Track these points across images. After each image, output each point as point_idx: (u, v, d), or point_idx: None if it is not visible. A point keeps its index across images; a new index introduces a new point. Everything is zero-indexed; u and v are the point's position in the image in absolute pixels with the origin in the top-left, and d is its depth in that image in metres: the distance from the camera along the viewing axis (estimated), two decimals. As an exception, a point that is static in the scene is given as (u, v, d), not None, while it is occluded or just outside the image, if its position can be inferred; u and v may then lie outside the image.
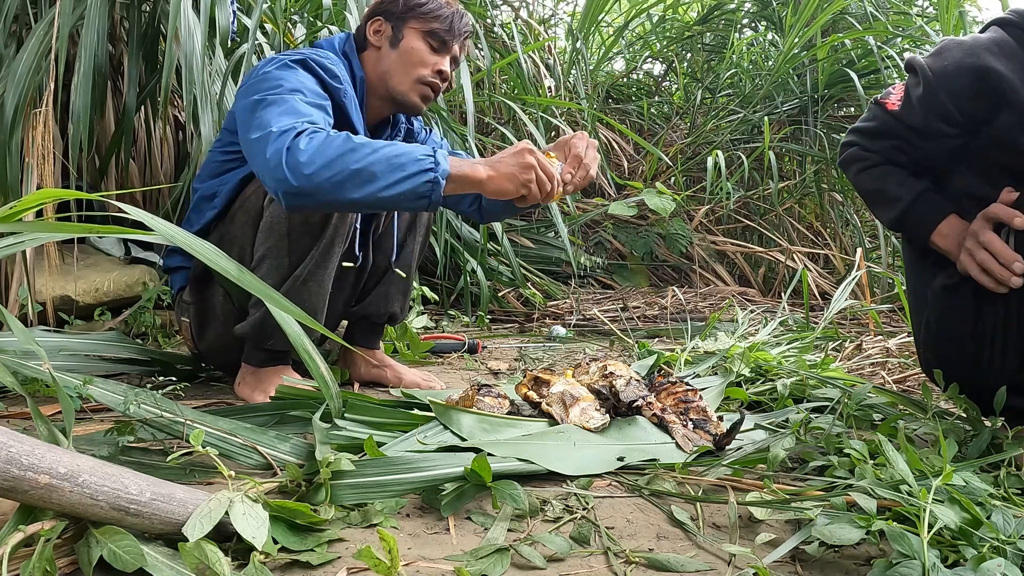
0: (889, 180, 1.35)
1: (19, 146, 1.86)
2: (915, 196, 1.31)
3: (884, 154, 1.36)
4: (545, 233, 3.82)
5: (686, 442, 1.25)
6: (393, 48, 1.59)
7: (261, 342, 1.52)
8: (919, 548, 0.78)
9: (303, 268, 1.47)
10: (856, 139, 1.40)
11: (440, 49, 1.59)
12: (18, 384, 0.97)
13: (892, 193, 1.34)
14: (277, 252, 1.46)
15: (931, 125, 1.26)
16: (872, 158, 1.37)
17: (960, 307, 1.27)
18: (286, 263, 1.47)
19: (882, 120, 1.34)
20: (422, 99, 1.61)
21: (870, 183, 1.38)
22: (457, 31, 1.61)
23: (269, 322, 1.46)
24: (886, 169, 1.36)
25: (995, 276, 1.17)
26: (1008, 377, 1.23)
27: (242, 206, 1.52)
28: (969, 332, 1.26)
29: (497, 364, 2.13)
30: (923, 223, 1.30)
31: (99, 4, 1.97)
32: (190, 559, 0.75)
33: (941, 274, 1.30)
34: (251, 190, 1.51)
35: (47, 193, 1.00)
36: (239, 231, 1.52)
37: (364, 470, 1.01)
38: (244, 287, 0.99)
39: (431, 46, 1.58)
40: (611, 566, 0.88)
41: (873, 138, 1.36)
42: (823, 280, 3.91)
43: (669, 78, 5.35)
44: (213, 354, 1.68)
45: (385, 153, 1.27)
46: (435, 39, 1.58)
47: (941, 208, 1.29)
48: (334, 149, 1.26)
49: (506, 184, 1.34)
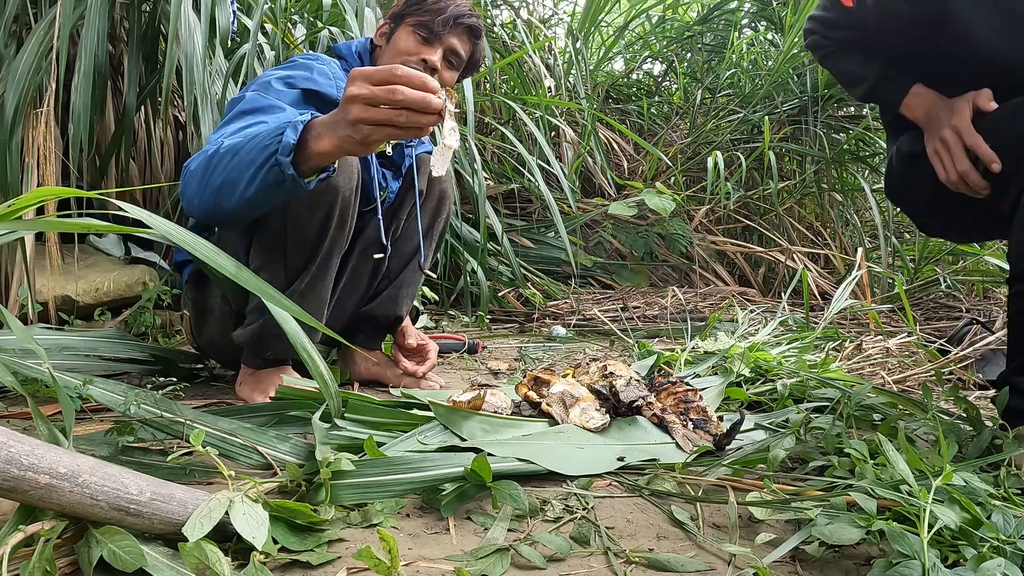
0: (851, 62, 1.44)
1: (19, 146, 1.86)
2: (878, 73, 1.39)
3: (841, 43, 1.45)
4: (545, 233, 3.82)
5: (686, 442, 1.25)
6: (388, 44, 1.62)
7: (259, 352, 1.52)
8: (919, 548, 0.78)
9: (300, 283, 1.46)
10: (814, 27, 1.49)
11: (430, 39, 1.58)
12: (18, 384, 0.97)
13: (857, 72, 1.42)
14: (272, 267, 1.44)
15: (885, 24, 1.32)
16: (830, 45, 1.47)
17: (920, 175, 1.34)
18: (282, 278, 1.45)
19: (838, 13, 1.41)
20: None
21: (834, 66, 1.49)
22: (447, 21, 1.58)
23: (267, 333, 1.47)
24: (847, 53, 1.45)
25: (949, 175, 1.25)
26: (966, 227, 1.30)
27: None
28: (926, 196, 1.36)
29: (497, 364, 2.13)
30: (889, 99, 1.38)
31: (99, 4, 1.97)
32: (190, 559, 0.75)
33: (906, 137, 1.37)
34: None
35: (46, 191, 1.00)
36: (232, 236, 1.49)
37: (364, 470, 1.01)
38: (242, 284, 0.98)
39: (420, 37, 1.58)
40: (611, 566, 0.88)
41: (830, 28, 1.45)
42: (823, 280, 3.91)
43: (669, 78, 5.35)
44: (211, 349, 1.69)
45: (243, 152, 1.17)
46: (423, 30, 1.58)
47: (904, 82, 1.35)
48: (199, 171, 1.24)
49: (353, 149, 1.10)
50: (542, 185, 3.15)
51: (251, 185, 1.17)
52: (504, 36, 4.04)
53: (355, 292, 1.74)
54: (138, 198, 2.40)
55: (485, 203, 2.98)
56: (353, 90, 1.04)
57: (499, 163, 3.85)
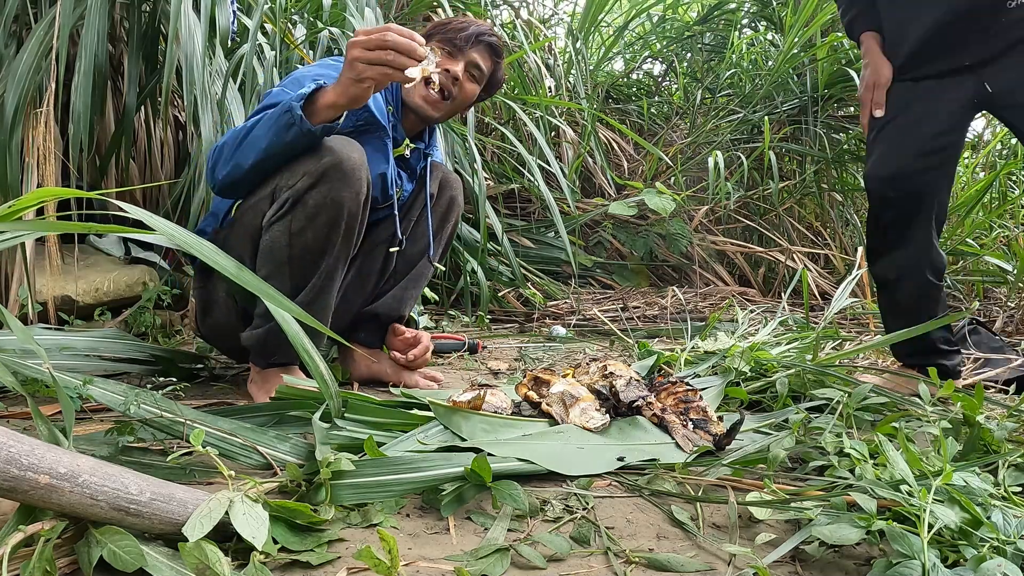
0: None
1: (19, 146, 1.86)
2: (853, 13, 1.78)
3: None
4: (545, 233, 3.83)
5: (686, 442, 1.25)
6: None
7: (265, 356, 1.53)
8: (919, 548, 0.79)
9: (306, 294, 1.47)
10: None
11: (453, 54, 1.67)
12: (18, 384, 0.97)
13: (845, 6, 1.81)
14: (278, 276, 1.45)
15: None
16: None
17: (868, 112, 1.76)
18: (289, 287, 1.46)
19: None
20: (422, 98, 1.66)
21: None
22: (470, 38, 1.67)
23: (273, 339, 1.47)
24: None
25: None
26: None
27: (240, 217, 1.51)
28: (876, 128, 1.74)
29: (497, 364, 2.13)
30: (851, 36, 1.81)
31: (99, 4, 1.97)
32: (190, 559, 0.75)
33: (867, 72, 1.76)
34: (249, 203, 1.49)
35: (47, 191, 1.00)
36: (237, 242, 1.50)
37: (364, 470, 1.01)
38: (243, 285, 0.98)
39: (444, 51, 1.67)
40: (611, 566, 0.88)
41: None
42: (823, 280, 3.91)
43: (669, 78, 5.35)
44: (213, 338, 1.71)
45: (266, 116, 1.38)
46: (448, 44, 1.67)
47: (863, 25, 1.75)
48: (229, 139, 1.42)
49: (351, 90, 1.30)
50: (542, 185, 3.15)
51: (267, 135, 1.35)
52: (504, 36, 4.04)
53: (361, 290, 1.76)
54: (138, 197, 2.40)
55: (485, 203, 2.98)
56: (353, 40, 1.28)
57: (499, 163, 3.85)
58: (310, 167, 1.38)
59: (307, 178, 1.38)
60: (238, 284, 1.00)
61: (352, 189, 1.42)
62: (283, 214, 1.41)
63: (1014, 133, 1.65)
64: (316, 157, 1.39)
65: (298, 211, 1.40)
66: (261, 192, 1.45)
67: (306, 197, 1.39)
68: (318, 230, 1.41)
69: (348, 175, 1.40)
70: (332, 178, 1.39)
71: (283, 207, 1.41)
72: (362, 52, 1.26)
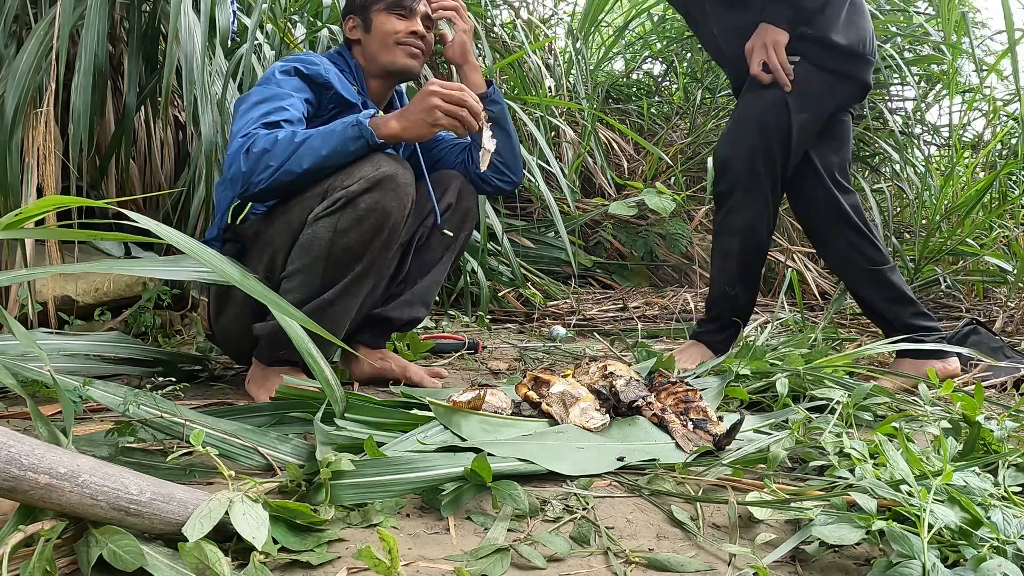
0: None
1: (19, 146, 1.86)
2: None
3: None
4: (545, 233, 3.82)
5: (686, 442, 1.25)
6: (368, 34, 1.75)
7: (275, 348, 1.53)
8: (919, 548, 0.79)
9: (332, 292, 1.50)
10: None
11: (407, 14, 1.73)
12: (18, 385, 0.97)
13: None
14: (311, 271, 1.48)
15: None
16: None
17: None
18: (318, 284, 1.49)
19: None
20: (410, 57, 1.74)
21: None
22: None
23: (284, 334, 1.47)
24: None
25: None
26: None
27: (284, 212, 1.53)
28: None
29: (497, 364, 2.13)
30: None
31: (99, 4, 1.97)
32: (190, 559, 0.75)
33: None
34: (298, 199, 1.51)
35: (52, 200, 1.00)
36: (276, 235, 1.53)
37: (364, 470, 1.01)
38: (248, 292, 0.99)
39: (398, 15, 1.73)
40: (611, 566, 0.88)
41: None
42: (823, 280, 3.91)
43: (669, 78, 5.35)
44: (224, 339, 1.70)
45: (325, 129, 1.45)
46: (399, 8, 1.72)
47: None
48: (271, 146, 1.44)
49: (420, 129, 1.45)
50: (542, 185, 3.15)
51: (327, 144, 1.43)
52: (504, 36, 4.04)
53: (374, 292, 1.76)
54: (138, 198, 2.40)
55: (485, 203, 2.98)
56: (433, 88, 1.44)
57: (499, 163, 3.84)
58: (367, 172, 1.44)
59: (363, 182, 1.44)
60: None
61: (401, 202, 1.48)
62: (333, 211, 1.45)
63: None
64: (373, 165, 1.45)
65: (348, 211, 1.44)
66: (313, 190, 1.49)
67: (358, 200, 1.44)
68: (363, 233, 1.46)
69: (400, 188, 1.47)
70: (386, 187, 1.45)
71: (334, 205, 1.45)
72: (442, 103, 1.43)
